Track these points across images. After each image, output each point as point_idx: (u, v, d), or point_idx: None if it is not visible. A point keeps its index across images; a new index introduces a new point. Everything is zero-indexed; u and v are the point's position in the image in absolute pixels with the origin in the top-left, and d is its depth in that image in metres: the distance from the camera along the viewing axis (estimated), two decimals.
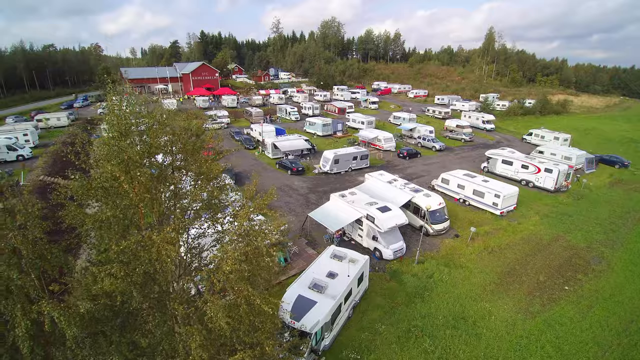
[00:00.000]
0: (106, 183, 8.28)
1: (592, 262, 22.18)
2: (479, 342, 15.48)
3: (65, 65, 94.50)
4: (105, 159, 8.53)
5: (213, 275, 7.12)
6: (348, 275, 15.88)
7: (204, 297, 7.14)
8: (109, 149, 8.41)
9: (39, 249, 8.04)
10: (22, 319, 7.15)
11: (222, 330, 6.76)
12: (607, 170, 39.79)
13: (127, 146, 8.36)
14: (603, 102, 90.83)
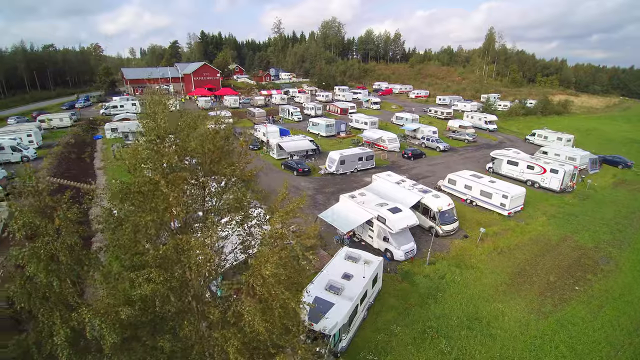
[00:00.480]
0: (144, 187, 8.28)
1: (601, 262, 22.36)
2: (494, 342, 15.61)
3: (65, 66, 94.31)
4: (143, 163, 8.53)
5: (253, 279, 7.17)
6: (364, 277, 15.98)
7: (242, 301, 7.20)
8: (148, 152, 8.41)
9: (76, 255, 8.00)
10: (61, 326, 7.06)
11: (260, 334, 6.82)
12: (610, 170, 40.06)
13: (166, 150, 8.39)
14: (603, 103, 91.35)
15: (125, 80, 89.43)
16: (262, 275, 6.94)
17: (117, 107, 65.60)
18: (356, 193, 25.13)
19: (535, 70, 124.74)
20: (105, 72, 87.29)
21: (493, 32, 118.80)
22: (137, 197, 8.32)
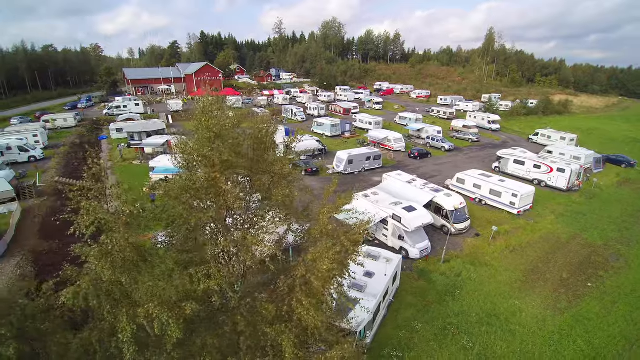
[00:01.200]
0: (205, 184, 8.43)
1: (610, 259, 22.75)
2: (513, 338, 15.92)
3: (66, 66, 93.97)
4: (200, 161, 8.67)
5: (311, 274, 7.37)
6: (385, 275, 16.22)
7: (297, 296, 7.40)
8: (207, 150, 8.53)
9: (140, 251, 8.05)
10: (127, 323, 7.02)
11: (316, 328, 7.03)
12: (614, 169, 40.57)
13: (223, 147, 8.56)
14: (602, 102, 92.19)
15: (127, 81, 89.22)
16: (319, 270, 7.14)
17: (120, 107, 65.50)
18: (369, 192, 25.40)
19: (534, 70, 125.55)
20: (107, 73, 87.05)
21: (493, 33, 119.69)
22: (196, 194, 8.47)
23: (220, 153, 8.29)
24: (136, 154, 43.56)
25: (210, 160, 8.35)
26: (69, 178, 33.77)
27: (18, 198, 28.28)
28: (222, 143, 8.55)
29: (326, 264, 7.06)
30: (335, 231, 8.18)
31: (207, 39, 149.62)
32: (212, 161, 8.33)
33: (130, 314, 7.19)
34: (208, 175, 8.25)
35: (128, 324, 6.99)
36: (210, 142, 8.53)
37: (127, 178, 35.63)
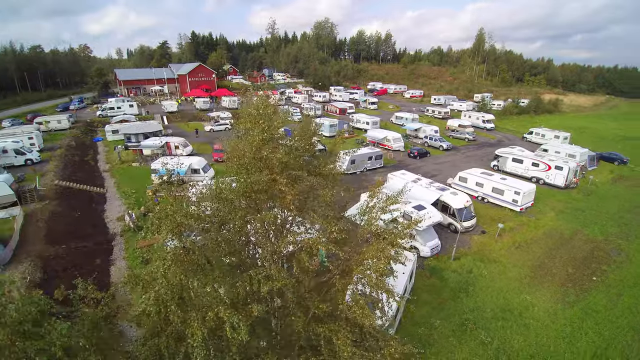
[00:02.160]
0: (264, 186, 8.45)
1: (612, 254, 23.51)
2: (528, 331, 16.39)
3: (56, 67, 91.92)
4: (255, 164, 8.71)
5: (367, 275, 7.55)
6: (403, 273, 16.48)
7: (354, 297, 7.57)
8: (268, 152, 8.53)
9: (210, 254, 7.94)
10: (198, 328, 6.94)
11: (372, 327, 7.20)
12: (607, 167, 41.81)
13: (282, 149, 8.62)
14: (590, 101, 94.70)
15: (119, 82, 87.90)
16: (376, 269, 7.33)
17: (114, 108, 64.57)
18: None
19: (523, 70, 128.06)
20: (98, 74, 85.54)
21: (483, 33, 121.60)
22: (257, 196, 8.46)
23: (280, 155, 8.38)
24: (134, 156, 43.05)
25: (269, 161, 8.43)
26: (68, 181, 33.25)
27: (19, 202, 27.72)
28: (278, 144, 8.63)
29: (382, 263, 7.26)
30: (384, 231, 8.38)
31: (198, 39, 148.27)
32: (271, 162, 8.41)
33: (200, 318, 7.11)
34: (267, 177, 8.31)
35: (199, 328, 6.90)
36: (266, 144, 8.59)
37: (127, 181, 35.26)
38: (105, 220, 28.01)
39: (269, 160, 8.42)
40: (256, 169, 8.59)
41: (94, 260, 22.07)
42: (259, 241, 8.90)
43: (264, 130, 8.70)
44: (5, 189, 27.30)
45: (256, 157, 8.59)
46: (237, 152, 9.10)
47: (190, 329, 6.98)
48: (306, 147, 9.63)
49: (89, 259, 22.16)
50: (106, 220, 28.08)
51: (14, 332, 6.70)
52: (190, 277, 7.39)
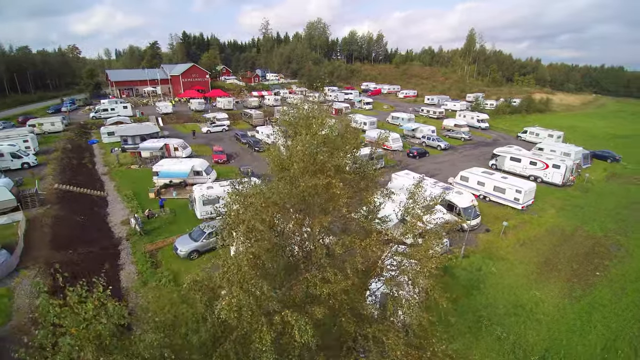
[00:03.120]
0: (321, 190, 8.51)
1: (612, 249, 24.30)
2: (540, 326, 16.88)
3: (45, 68, 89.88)
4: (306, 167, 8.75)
5: (418, 275, 7.77)
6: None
7: (408, 300, 7.78)
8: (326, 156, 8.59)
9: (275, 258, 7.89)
10: (267, 332, 6.94)
11: (420, 327, 7.41)
12: (600, 164, 43.03)
13: (337, 153, 8.71)
14: (579, 100, 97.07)
15: (110, 83, 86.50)
16: (429, 269, 7.55)
17: (107, 110, 63.55)
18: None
19: (513, 69, 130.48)
20: (89, 75, 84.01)
21: (474, 34, 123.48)
22: (310, 200, 8.51)
23: (337, 159, 8.49)
24: (132, 158, 42.53)
25: (323, 165, 8.53)
26: (68, 184, 32.68)
27: (20, 207, 27.17)
28: (331, 148, 8.74)
29: (433, 263, 7.48)
30: (428, 232, 8.62)
31: (189, 39, 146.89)
32: (327, 167, 8.52)
33: (267, 322, 7.13)
34: (325, 181, 8.41)
35: (268, 332, 6.93)
36: (319, 148, 8.68)
37: (127, 183, 34.85)
38: (109, 224, 27.69)
39: (324, 165, 8.53)
40: (309, 173, 8.68)
41: (103, 265, 21.72)
42: (313, 244, 8.99)
43: (316, 134, 8.79)
44: (5, 193, 26.77)
45: (310, 162, 8.67)
46: (280, 158, 9.16)
47: (259, 333, 7.00)
48: (352, 149, 9.73)
49: (97, 264, 21.79)
50: (110, 224, 27.75)
51: (98, 348, 6.53)
52: (261, 282, 7.35)
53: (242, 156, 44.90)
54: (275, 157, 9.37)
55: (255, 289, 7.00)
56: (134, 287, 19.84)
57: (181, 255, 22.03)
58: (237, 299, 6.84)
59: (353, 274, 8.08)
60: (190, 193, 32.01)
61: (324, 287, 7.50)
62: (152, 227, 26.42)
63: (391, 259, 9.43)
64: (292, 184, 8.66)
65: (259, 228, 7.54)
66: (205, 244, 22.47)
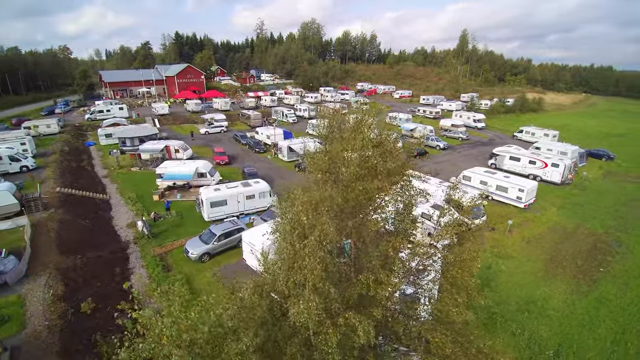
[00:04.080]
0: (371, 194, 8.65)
1: (613, 246, 25.01)
2: (552, 322, 17.36)
3: (37, 69, 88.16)
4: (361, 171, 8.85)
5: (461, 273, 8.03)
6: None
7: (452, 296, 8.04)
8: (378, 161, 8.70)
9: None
10: (334, 334, 7.00)
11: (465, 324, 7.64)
12: (595, 163, 44.10)
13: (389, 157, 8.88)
14: (570, 100, 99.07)
15: (104, 83, 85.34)
16: (470, 272, 7.79)
17: (103, 111, 62.78)
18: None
19: (504, 69, 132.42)
20: (83, 75, 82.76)
21: (466, 34, 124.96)
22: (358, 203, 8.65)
23: (390, 164, 8.65)
24: (132, 160, 42.15)
25: (374, 170, 8.69)
26: (70, 188, 32.27)
27: (24, 211, 26.78)
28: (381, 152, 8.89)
29: (478, 262, 7.74)
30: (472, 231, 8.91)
31: (181, 39, 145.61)
32: (379, 171, 8.67)
33: (332, 324, 7.20)
34: (377, 184, 8.56)
35: (334, 334, 7.00)
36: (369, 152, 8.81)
37: (129, 186, 34.56)
38: (115, 228, 27.43)
39: (376, 169, 8.70)
40: (357, 177, 8.80)
41: (113, 269, 21.64)
42: (364, 246, 9.14)
43: (368, 139, 8.89)
44: (9, 198, 26.36)
45: (362, 166, 8.79)
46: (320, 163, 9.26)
47: (324, 335, 7.10)
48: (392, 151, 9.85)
49: (107, 269, 21.70)
50: (116, 227, 27.50)
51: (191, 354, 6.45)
52: (328, 285, 7.43)
53: (243, 157, 44.81)
54: (318, 162, 9.45)
55: (326, 292, 7.11)
56: (146, 292, 19.69)
57: (192, 258, 21.97)
58: (314, 302, 6.90)
59: (399, 275, 8.31)
60: (197, 195, 31.95)
61: (378, 289, 7.71)
62: (159, 230, 26.27)
63: (430, 259, 9.65)
64: (347, 188, 8.76)
65: (333, 233, 7.56)
66: (216, 246, 22.47)
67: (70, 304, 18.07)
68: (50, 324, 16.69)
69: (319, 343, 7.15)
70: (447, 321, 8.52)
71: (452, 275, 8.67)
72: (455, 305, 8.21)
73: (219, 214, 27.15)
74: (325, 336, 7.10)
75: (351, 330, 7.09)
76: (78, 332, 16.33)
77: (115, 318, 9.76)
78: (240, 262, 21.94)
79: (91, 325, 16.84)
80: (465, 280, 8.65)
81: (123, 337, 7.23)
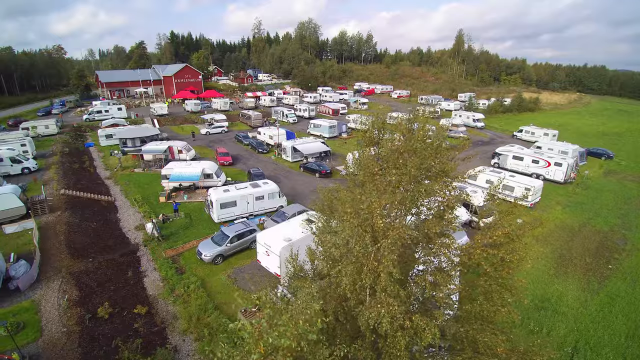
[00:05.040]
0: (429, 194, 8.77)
1: (619, 243, 25.46)
2: (567, 318, 17.64)
3: (32, 69, 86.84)
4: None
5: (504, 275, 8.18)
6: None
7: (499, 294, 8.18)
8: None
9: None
10: (402, 337, 7.08)
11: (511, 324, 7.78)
12: (595, 162, 44.79)
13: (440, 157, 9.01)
14: (564, 99, 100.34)
15: (101, 84, 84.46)
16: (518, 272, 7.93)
17: (101, 112, 62.17)
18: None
19: (499, 69, 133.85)
20: (79, 76, 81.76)
21: (462, 34, 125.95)
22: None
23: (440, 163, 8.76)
24: (134, 161, 41.80)
25: (427, 171, 8.78)
26: (74, 190, 31.92)
27: (31, 214, 26.45)
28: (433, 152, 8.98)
29: (529, 262, 7.88)
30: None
31: (177, 39, 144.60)
32: (433, 172, 8.76)
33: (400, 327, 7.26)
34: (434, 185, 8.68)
35: (403, 336, 7.09)
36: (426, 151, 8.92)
37: (134, 187, 34.26)
38: (123, 230, 27.14)
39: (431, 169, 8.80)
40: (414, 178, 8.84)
41: (125, 272, 21.43)
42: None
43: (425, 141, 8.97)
44: (15, 200, 26.02)
45: (419, 168, 8.82)
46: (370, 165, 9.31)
47: (392, 339, 7.17)
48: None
49: (119, 272, 21.49)
50: (123, 229, 27.21)
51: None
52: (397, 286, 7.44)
53: (246, 158, 44.67)
54: (366, 162, 9.49)
55: (395, 294, 7.17)
56: (161, 295, 19.55)
57: (206, 260, 21.86)
58: (394, 306, 6.90)
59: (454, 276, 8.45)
60: (203, 196, 31.80)
61: (435, 290, 7.79)
62: (167, 232, 26.06)
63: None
64: (405, 188, 8.82)
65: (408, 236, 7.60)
66: (229, 248, 22.39)
67: (86, 309, 17.89)
68: (68, 330, 16.50)
69: (388, 346, 7.20)
70: (490, 321, 8.62)
71: (501, 275, 8.77)
72: (503, 305, 8.32)
73: (229, 215, 27.06)
74: (393, 339, 7.15)
75: (417, 332, 7.15)
76: (97, 337, 16.16)
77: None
78: (253, 264, 21.91)
79: (110, 330, 16.69)
80: (514, 280, 8.77)
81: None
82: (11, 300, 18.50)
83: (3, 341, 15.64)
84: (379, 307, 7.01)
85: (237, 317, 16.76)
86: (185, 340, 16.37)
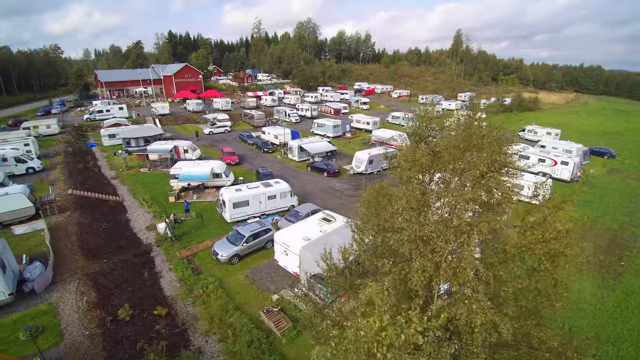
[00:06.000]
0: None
1: (629, 240, 25.78)
2: (586, 314, 17.85)
3: (30, 69, 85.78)
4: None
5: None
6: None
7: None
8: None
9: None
10: (480, 333, 7.05)
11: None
12: (598, 160, 45.28)
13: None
14: (562, 99, 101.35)
15: (100, 83, 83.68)
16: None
17: (102, 111, 61.58)
18: None
19: (497, 69, 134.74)
20: (78, 75, 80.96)
21: (460, 34, 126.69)
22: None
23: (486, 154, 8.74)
24: (139, 161, 41.50)
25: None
26: (81, 190, 31.60)
27: (40, 215, 26.14)
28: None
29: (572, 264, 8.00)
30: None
31: (175, 39, 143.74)
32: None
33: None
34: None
35: (480, 333, 7.14)
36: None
37: (141, 187, 34.00)
38: (134, 231, 26.90)
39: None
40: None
41: (141, 273, 21.24)
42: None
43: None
44: (24, 201, 25.68)
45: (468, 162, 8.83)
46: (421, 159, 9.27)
47: (470, 335, 7.20)
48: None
49: (135, 273, 21.28)
50: (134, 230, 26.97)
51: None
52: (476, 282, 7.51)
53: (252, 158, 44.54)
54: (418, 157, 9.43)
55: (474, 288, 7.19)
56: (179, 296, 19.35)
57: (222, 260, 21.74)
58: (481, 301, 6.92)
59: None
60: (213, 196, 31.68)
61: (505, 285, 7.81)
62: (179, 232, 25.88)
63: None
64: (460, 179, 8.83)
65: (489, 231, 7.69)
66: (245, 247, 22.29)
67: (106, 311, 17.68)
68: (90, 334, 16.30)
69: (465, 344, 7.20)
70: (542, 315, 8.68)
71: (556, 270, 8.85)
72: (558, 300, 8.39)
73: (241, 215, 26.97)
74: (470, 336, 7.18)
75: (492, 327, 7.18)
76: (121, 340, 15.97)
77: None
78: (270, 263, 21.85)
79: (132, 332, 16.53)
80: (567, 275, 8.85)
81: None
82: (27, 304, 18.15)
83: (24, 346, 15.40)
84: (468, 303, 7.02)
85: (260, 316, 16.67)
86: (209, 341, 16.26)
